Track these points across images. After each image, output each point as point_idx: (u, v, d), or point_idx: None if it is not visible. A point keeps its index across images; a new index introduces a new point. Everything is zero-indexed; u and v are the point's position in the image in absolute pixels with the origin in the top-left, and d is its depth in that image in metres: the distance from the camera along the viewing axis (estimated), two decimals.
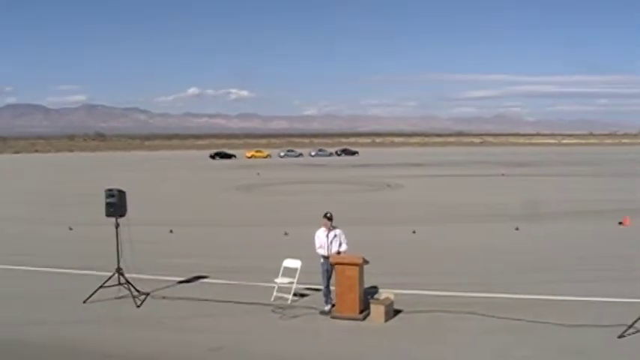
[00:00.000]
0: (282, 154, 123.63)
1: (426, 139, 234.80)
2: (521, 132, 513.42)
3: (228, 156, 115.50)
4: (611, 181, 51.77)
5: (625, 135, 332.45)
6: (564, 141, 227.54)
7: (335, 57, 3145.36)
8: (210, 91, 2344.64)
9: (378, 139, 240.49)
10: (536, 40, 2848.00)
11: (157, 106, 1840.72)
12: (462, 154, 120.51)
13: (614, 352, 10.24)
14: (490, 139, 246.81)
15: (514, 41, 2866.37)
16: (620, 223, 25.16)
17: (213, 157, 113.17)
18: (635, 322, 10.95)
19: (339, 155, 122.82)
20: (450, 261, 18.31)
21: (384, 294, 12.70)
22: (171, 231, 24.28)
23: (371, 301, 12.36)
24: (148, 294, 14.16)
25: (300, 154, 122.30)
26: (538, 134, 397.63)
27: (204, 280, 15.90)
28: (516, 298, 13.71)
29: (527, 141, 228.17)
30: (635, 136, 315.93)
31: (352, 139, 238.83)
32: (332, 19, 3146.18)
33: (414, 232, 23.38)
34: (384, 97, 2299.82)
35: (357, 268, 12.22)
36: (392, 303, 12.40)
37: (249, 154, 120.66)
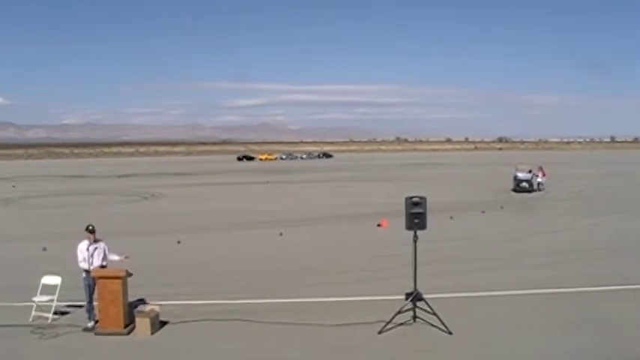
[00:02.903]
0: (283, 156, 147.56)
1: (191, 148, 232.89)
2: (285, 140, 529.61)
3: (251, 158, 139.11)
4: (370, 185, 55.36)
5: (383, 142, 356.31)
6: (326, 148, 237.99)
7: (97, 63, 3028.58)
8: None
9: (141, 149, 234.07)
10: (299, 50, 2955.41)
11: None
12: (227, 162, 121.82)
13: (374, 347, 11.06)
14: (254, 147, 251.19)
15: (279, 51, 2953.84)
16: (379, 225, 26.96)
17: (240, 159, 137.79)
18: (393, 317, 11.97)
19: (320, 158, 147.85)
20: (216, 269, 18.52)
21: (149, 306, 12.56)
22: None
23: (136, 314, 12.17)
24: None
25: (297, 157, 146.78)
26: (301, 142, 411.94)
27: None
28: (282, 302, 14.29)
29: (291, 149, 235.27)
30: (392, 142, 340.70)
31: (115, 149, 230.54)
32: (95, 23, 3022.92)
33: (178, 242, 23.26)
34: (148, 106, 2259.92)
35: (119, 281, 11.95)
36: (158, 315, 12.30)
37: (263, 157, 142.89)
